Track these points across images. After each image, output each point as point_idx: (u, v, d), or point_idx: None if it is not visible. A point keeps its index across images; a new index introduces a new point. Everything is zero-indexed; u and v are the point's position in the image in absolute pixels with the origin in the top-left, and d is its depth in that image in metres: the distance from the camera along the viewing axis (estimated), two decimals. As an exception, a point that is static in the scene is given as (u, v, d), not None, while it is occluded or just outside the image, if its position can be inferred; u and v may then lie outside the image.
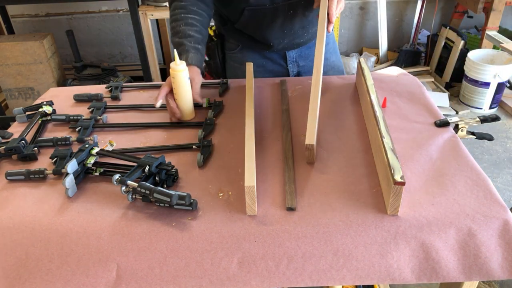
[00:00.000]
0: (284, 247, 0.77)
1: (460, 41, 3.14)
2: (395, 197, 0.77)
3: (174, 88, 1.08)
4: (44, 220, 0.81)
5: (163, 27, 3.38)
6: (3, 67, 2.91)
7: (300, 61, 1.41)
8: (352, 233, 0.78)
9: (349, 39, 3.80)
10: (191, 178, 0.92)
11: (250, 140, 0.91)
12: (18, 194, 0.89)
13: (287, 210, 0.82)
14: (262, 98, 1.24)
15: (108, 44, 3.66)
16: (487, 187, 0.85)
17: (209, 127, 1.08)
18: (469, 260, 0.78)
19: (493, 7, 2.98)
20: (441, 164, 0.92)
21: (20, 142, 0.99)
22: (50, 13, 3.49)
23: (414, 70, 3.45)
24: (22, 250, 0.78)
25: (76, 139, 1.05)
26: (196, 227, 0.79)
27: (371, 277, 0.78)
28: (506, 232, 0.78)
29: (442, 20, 3.71)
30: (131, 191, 0.83)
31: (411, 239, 0.78)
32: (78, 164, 0.90)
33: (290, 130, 1.06)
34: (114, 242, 0.78)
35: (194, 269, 0.77)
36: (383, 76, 1.33)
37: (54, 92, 1.35)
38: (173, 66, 1.05)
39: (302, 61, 1.41)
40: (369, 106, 1.03)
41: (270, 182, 0.89)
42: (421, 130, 1.04)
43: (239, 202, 0.84)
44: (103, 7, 3.51)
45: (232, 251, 0.77)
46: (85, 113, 1.18)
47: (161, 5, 2.86)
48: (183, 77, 1.06)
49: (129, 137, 1.08)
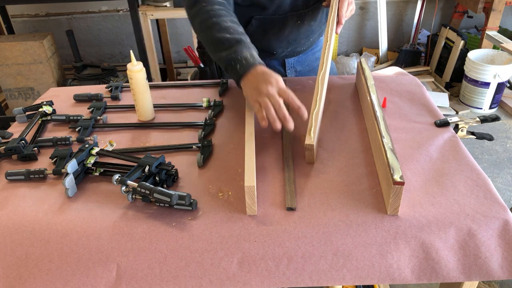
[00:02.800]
0: (284, 247, 0.77)
1: (460, 41, 3.13)
2: (395, 197, 0.77)
3: (132, 89, 1.10)
4: (44, 220, 0.81)
5: (163, 27, 3.38)
6: (3, 67, 2.91)
7: (298, 67, 1.41)
8: (352, 233, 0.78)
9: (349, 39, 3.80)
10: (191, 178, 0.92)
11: (250, 140, 0.91)
12: (18, 194, 0.89)
13: (287, 210, 0.82)
14: (262, 98, 1.23)
15: (108, 44, 3.66)
16: (487, 187, 0.85)
17: (209, 127, 1.08)
18: (469, 260, 0.78)
19: (493, 7, 2.98)
20: (441, 164, 0.92)
21: (20, 142, 0.99)
22: (50, 13, 3.49)
23: (414, 70, 3.45)
24: (22, 250, 0.78)
25: (76, 139, 1.05)
26: (196, 227, 0.79)
27: (371, 277, 0.78)
28: (506, 232, 0.78)
29: (442, 20, 3.71)
30: (131, 191, 0.83)
31: (411, 239, 0.78)
32: (78, 164, 0.90)
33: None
34: (114, 242, 0.78)
35: (194, 269, 0.77)
36: (383, 76, 1.33)
37: (54, 92, 1.35)
38: (130, 67, 1.06)
39: (299, 67, 1.42)
40: (369, 106, 1.03)
41: (270, 182, 0.89)
42: (421, 130, 1.04)
43: (239, 202, 0.84)
44: (103, 7, 3.50)
45: (232, 251, 0.77)
46: (85, 113, 1.18)
47: (161, 5, 2.86)
48: (141, 77, 1.07)
49: (129, 137, 1.08)
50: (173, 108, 1.21)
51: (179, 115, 1.18)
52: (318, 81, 1.03)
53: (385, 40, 3.56)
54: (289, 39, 1.28)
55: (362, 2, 3.60)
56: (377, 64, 3.61)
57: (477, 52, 3.05)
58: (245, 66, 0.92)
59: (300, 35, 1.28)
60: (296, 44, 1.31)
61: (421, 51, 3.58)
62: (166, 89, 1.33)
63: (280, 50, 1.31)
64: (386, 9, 3.49)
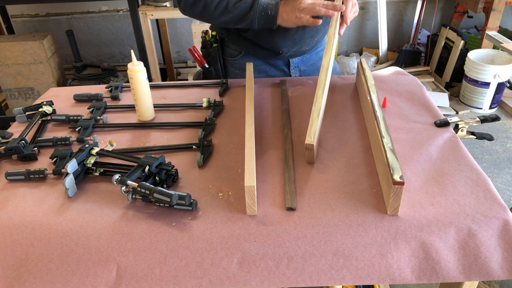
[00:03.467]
0: (284, 247, 0.77)
1: (460, 41, 3.14)
2: (395, 197, 0.77)
3: (133, 88, 1.09)
4: (44, 220, 0.81)
5: (163, 27, 3.38)
6: (3, 67, 2.91)
7: (302, 66, 1.41)
8: (352, 233, 0.78)
9: (349, 39, 3.80)
10: (191, 178, 0.92)
11: (250, 140, 0.91)
12: (18, 194, 0.89)
13: (287, 210, 0.82)
14: (262, 98, 1.24)
15: (108, 44, 3.66)
16: (487, 187, 0.85)
17: (209, 127, 1.08)
18: (469, 260, 0.78)
19: (493, 7, 2.98)
20: (441, 164, 0.92)
21: (20, 142, 0.99)
22: (50, 13, 3.49)
23: (414, 70, 3.45)
24: (22, 250, 0.78)
25: (76, 139, 1.05)
26: (196, 227, 0.79)
27: (371, 277, 0.78)
28: (506, 232, 0.78)
29: (442, 20, 3.72)
30: (131, 191, 0.83)
31: (411, 239, 0.78)
32: (78, 164, 0.90)
33: (290, 130, 1.06)
34: (114, 242, 0.78)
35: (194, 269, 0.77)
36: (383, 76, 1.33)
37: (54, 92, 1.35)
38: (131, 67, 1.06)
39: (303, 66, 1.42)
40: (369, 106, 1.03)
41: (270, 182, 0.89)
42: (421, 130, 1.04)
43: (239, 202, 0.84)
44: (103, 7, 3.51)
45: (232, 251, 0.77)
46: (85, 113, 1.18)
47: (161, 5, 2.86)
48: (142, 77, 1.07)
49: (129, 137, 1.08)
50: (173, 108, 1.21)
51: (179, 115, 1.18)
52: (319, 81, 1.03)
53: (385, 40, 3.56)
54: (295, 39, 1.28)
55: (362, 2, 3.60)
56: (377, 64, 3.61)
57: (477, 52, 3.05)
58: (274, 7, 1.10)
59: (305, 34, 1.29)
60: (301, 44, 1.31)
61: (421, 51, 3.58)
62: (166, 89, 1.33)
63: (285, 49, 1.31)
64: (386, 9, 3.49)
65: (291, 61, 1.38)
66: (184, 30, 3.63)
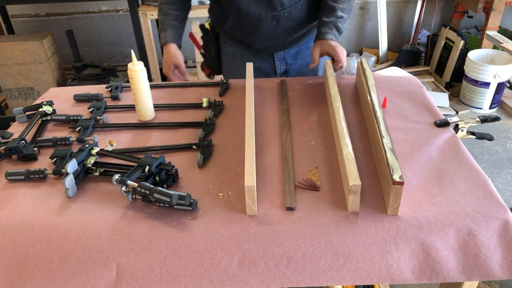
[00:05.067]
0: (284, 247, 0.77)
1: (460, 41, 3.13)
2: (395, 197, 0.77)
3: (133, 88, 1.10)
4: (44, 220, 0.81)
5: (163, 27, 3.38)
6: (3, 67, 2.91)
7: (288, 59, 1.42)
8: (352, 233, 0.78)
9: (349, 39, 3.79)
10: (191, 178, 0.92)
11: (250, 140, 0.91)
12: (18, 194, 0.89)
13: (287, 210, 0.82)
14: (262, 98, 1.24)
15: (108, 44, 3.66)
16: (487, 187, 0.85)
17: (209, 127, 1.08)
18: (469, 260, 0.78)
19: (493, 7, 2.97)
20: (441, 164, 0.92)
21: (20, 142, 0.99)
22: (50, 13, 3.49)
23: (414, 70, 3.44)
24: (22, 250, 0.78)
25: (76, 139, 1.05)
26: (196, 227, 0.79)
27: (371, 277, 0.78)
28: (506, 232, 0.78)
29: (442, 20, 3.71)
30: (131, 191, 0.83)
31: (411, 239, 0.78)
32: (78, 164, 0.90)
33: (290, 130, 1.06)
34: (114, 242, 0.78)
35: (194, 269, 0.77)
36: (383, 76, 1.33)
37: (54, 92, 1.35)
38: (131, 67, 1.06)
39: (290, 59, 1.42)
40: (369, 106, 1.03)
41: (270, 182, 0.89)
42: (421, 130, 1.04)
43: (239, 202, 0.84)
44: (103, 7, 3.50)
45: (232, 251, 0.77)
46: (85, 113, 1.18)
47: (161, 5, 2.86)
48: (141, 77, 1.08)
49: (129, 137, 1.08)
50: (173, 108, 1.21)
51: (179, 115, 1.18)
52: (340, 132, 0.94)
53: (385, 40, 3.56)
54: (267, 37, 1.31)
55: (362, 2, 3.60)
56: (377, 64, 3.61)
57: (477, 52, 3.05)
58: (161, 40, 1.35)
59: (277, 33, 1.30)
60: (275, 41, 1.33)
61: (421, 51, 3.58)
62: (166, 89, 1.33)
63: (259, 45, 1.35)
64: (386, 9, 3.49)
65: (275, 54, 1.40)
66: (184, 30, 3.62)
